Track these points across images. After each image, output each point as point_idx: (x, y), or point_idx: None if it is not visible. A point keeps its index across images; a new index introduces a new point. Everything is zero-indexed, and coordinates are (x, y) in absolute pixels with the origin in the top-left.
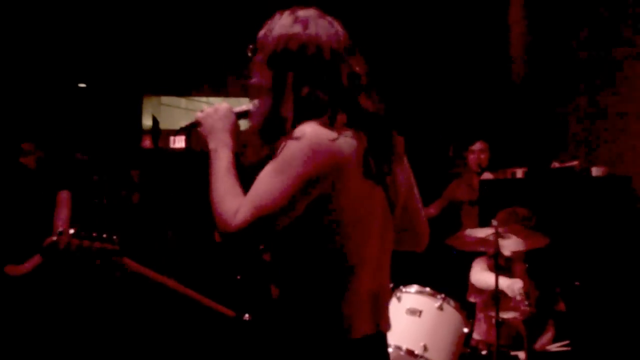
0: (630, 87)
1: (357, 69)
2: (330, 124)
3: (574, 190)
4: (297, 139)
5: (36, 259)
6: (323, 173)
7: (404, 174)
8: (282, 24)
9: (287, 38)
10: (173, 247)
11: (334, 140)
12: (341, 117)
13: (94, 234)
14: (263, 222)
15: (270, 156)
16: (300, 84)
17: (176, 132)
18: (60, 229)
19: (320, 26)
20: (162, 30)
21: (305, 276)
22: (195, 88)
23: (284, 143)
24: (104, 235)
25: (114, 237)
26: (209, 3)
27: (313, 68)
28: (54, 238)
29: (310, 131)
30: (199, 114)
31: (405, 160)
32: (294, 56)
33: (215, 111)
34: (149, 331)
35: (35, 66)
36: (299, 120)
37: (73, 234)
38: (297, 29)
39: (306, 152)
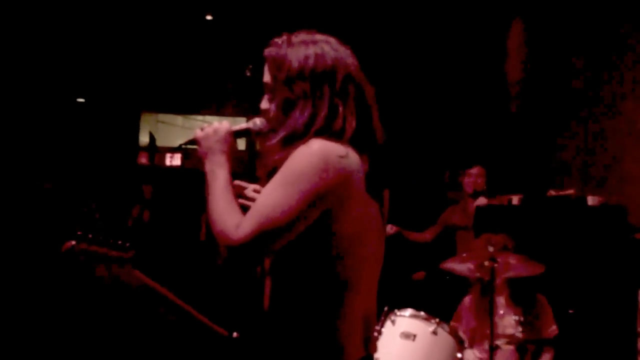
0: (625, 116)
1: (371, 93)
2: (339, 139)
3: (569, 219)
4: (306, 152)
5: None
6: (330, 189)
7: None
8: (305, 41)
9: (320, 55)
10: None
11: (343, 156)
12: (349, 135)
13: (111, 241)
14: (268, 235)
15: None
16: (333, 98)
17: (174, 149)
18: (78, 234)
19: (345, 50)
20: (161, 48)
21: (303, 294)
22: (192, 106)
23: (292, 156)
24: (119, 242)
25: (127, 244)
26: (207, 23)
27: (344, 85)
28: (72, 242)
29: (320, 146)
30: (198, 133)
31: None
32: (329, 72)
33: (215, 132)
34: (145, 344)
35: (34, 80)
36: (314, 133)
37: (90, 239)
38: (327, 47)
39: (316, 167)
